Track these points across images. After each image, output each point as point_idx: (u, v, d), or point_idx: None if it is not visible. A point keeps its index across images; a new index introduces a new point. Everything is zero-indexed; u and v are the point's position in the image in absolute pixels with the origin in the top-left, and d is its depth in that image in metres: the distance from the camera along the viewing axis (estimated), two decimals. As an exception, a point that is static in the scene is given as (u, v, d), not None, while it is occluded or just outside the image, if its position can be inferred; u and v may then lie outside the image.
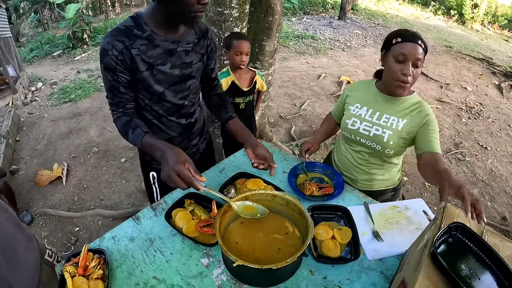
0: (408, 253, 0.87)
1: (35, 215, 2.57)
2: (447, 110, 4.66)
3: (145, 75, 1.05)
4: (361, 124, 1.28)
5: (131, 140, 1.03)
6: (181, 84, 1.16)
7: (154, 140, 0.97)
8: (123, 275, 0.88)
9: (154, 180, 1.37)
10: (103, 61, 1.01)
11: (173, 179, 0.84)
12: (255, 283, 0.85)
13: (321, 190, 1.22)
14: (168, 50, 1.07)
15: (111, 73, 1.01)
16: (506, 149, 3.83)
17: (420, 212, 1.11)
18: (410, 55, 1.10)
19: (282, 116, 4.06)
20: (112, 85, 1.04)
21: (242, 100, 2.01)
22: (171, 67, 1.09)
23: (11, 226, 0.76)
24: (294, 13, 10.48)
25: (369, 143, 1.27)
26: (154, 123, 1.21)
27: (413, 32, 1.16)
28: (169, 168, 0.85)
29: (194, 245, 0.97)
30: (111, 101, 1.08)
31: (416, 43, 1.11)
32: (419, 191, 2.98)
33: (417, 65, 1.12)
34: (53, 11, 11.35)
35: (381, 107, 1.26)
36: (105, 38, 0.99)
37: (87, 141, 3.63)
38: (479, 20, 11.87)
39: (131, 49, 1.00)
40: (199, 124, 1.35)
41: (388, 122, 1.23)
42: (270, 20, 2.57)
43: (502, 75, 6.25)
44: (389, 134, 1.21)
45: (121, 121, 1.07)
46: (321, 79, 5.31)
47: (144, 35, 1.01)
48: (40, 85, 5.47)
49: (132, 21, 1.02)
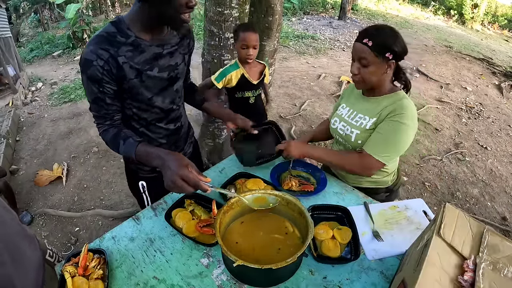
0: (408, 253, 0.87)
1: (35, 215, 2.57)
2: (447, 110, 4.65)
3: (134, 83, 1.02)
4: (339, 124, 1.31)
5: (123, 151, 0.99)
6: (169, 87, 1.14)
7: (150, 148, 0.95)
8: (123, 275, 0.88)
9: (144, 189, 1.33)
10: (86, 72, 0.94)
11: (178, 184, 0.82)
12: (255, 283, 0.85)
13: (301, 186, 1.23)
14: (155, 54, 1.04)
15: (97, 85, 0.96)
16: (506, 149, 3.83)
17: (420, 212, 1.11)
18: (354, 53, 1.13)
19: (282, 116, 4.06)
20: (97, 97, 0.98)
21: (252, 94, 1.89)
22: (159, 71, 1.07)
23: (16, 226, 0.76)
24: (294, 13, 10.48)
25: (344, 142, 1.30)
26: (142, 132, 1.18)
27: (370, 30, 1.11)
28: (173, 173, 0.83)
29: (194, 245, 0.97)
30: (97, 114, 1.03)
31: (360, 42, 1.09)
32: (419, 191, 2.97)
33: (362, 63, 1.11)
34: (53, 11, 11.36)
35: (359, 106, 1.27)
36: (88, 47, 0.94)
37: (87, 141, 3.63)
38: (479, 20, 11.87)
39: (117, 57, 0.96)
40: (185, 128, 1.34)
41: (359, 121, 1.23)
42: (270, 20, 2.57)
43: (502, 75, 6.24)
44: (356, 134, 1.22)
45: (109, 134, 1.03)
46: (321, 79, 5.31)
47: (128, 41, 0.98)
48: (40, 85, 5.48)
49: (114, 27, 0.97)
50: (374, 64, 1.10)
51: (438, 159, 3.45)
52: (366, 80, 1.15)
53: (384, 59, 1.09)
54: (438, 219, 0.74)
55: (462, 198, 2.96)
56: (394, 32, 1.11)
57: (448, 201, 2.88)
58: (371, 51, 1.08)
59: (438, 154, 3.55)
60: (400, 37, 1.10)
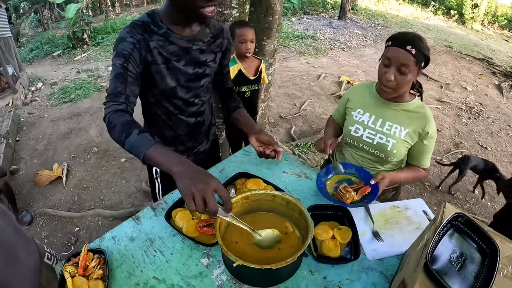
0: (408, 253, 0.87)
1: (35, 215, 2.57)
2: (447, 110, 4.66)
3: (161, 68, 1.06)
4: (364, 131, 1.28)
5: (132, 142, 0.83)
6: (194, 81, 1.16)
7: (171, 151, 0.83)
8: (123, 275, 0.88)
9: (157, 174, 1.36)
10: (117, 47, 0.96)
11: (197, 201, 0.71)
12: (255, 283, 0.85)
13: (358, 193, 1.11)
14: (183, 48, 1.07)
15: (123, 59, 0.95)
16: (506, 149, 3.83)
17: (420, 212, 1.11)
18: (394, 59, 1.09)
19: (282, 116, 4.06)
20: (119, 72, 0.94)
21: (248, 88, 2.03)
22: (185, 64, 1.10)
23: (10, 229, 0.76)
24: (294, 13, 10.48)
25: (373, 151, 1.28)
26: (163, 120, 1.21)
27: (409, 36, 1.09)
28: (198, 187, 0.71)
29: (194, 245, 0.97)
30: (113, 90, 0.93)
31: (403, 48, 1.07)
32: (419, 191, 2.98)
33: (401, 71, 1.09)
34: (53, 11, 11.36)
35: (383, 113, 1.26)
36: (124, 29, 0.99)
37: (87, 141, 3.63)
38: (479, 20, 11.87)
39: (149, 42, 1.00)
40: (206, 124, 1.36)
41: (391, 130, 1.23)
42: (270, 20, 2.57)
43: (502, 75, 6.25)
44: (393, 143, 1.22)
45: (122, 117, 0.88)
46: (321, 79, 5.31)
47: (160, 32, 1.02)
48: (40, 85, 5.48)
49: (149, 18, 1.03)
50: (412, 72, 1.10)
51: (438, 159, 3.45)
52: (400, 88, 1.14)
53: (420, 67, 1.10)
54: (438, 219, 0.74)
55: (462, 198, 2.96)
56: (425, 40, 1.12)
57: (448, 201, 2.88)
58: (414, 59, 1.07)
59: (438, 154, 3.55)
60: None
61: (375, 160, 1.31)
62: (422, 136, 1.22)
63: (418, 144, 1.24)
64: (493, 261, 0.63)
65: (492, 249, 0.65)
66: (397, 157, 1.25)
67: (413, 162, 1.29)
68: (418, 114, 1.21)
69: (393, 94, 1.18)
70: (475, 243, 0.68)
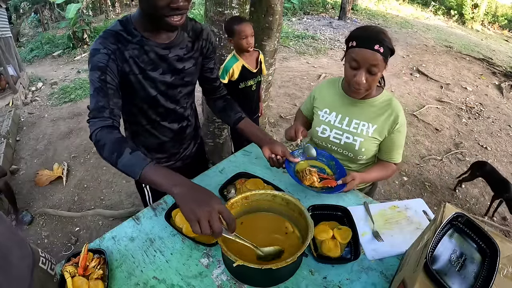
0: (408, 253, 0.87)
1: (35, 215, 2.57)
2: (447, 110, 4.65)
3: (139, 78, 1.02)
4: (331, 132, 1.26)
5: (125, 162, 0.80)
6: (172, 89, 1.12)
7: (168, 170, 0.81)
8: (123, 275, 0.88)
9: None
10: (92, 61, 0.92)
11: (202, 224, 0.71)
12: (255, 283, 0.85)
13: (322, 181, 1.12)
14: (160, 56, 1.03)
15: (99, 72, 0.91)
16: (506, 149, 3.83)
17: (420, 212, 1.11)
18: (363, 61, 1.03)
19: (282, 116, 4.06)
20: (98, 86, 0.90)
21: (253, 81, 2.07)
22: (162, 73, 1.06)
23: (6, 234, 0.75)
24: (294, 13, 10.47)
25: (341, 150, 1.26)
26: (147, 129, 1.19)
27: (374, 34, 1.03)
28: (204, 209, 0.71)
29: (194, 245, 0.97)
30: (96, 106, 0.89)
31: (371, 48, 1.00)
32: (419, 191, 2.98)
33: (371, 71, 1.04)
34: (53, 11, 11.35)
35: (350, 111, 1.23)
36: (96, 41, 0.94)
37: (87, 141, 3.63)
38: (479, 20, 11.86)
39: (124, 51, 0.95)
40: (191, 128, 1.32)
41: (358, 128, 1.21)
42: (270, 20, 2.57)
43: (502, 75, 6.24)
44: (361, 142, 1.20)
45: (111, 135, 0.85)
46: (321, 79, 5.31)
47: (134, 40, 0.97)
48: (40, 85, 5.48)
49: (121, 26, 0.97)
50: (381, 69, 1.05)
51: (438, 159, 3.45)
52: (372, 87, 1.11)
53: (387, 61, 1.06)
54: (438, 219, 0.74)
55: (462, 198, 2.96)
56: (387, 32, 1.07)
57: (448, 201, 2.88)
58: (382, 57, 1.02)
59: (438, 154, 3.55)
60: None
61: (345, 159, 1.28)
62: (391, 130, 1.19)
63: (387, 139, 1.21)
64: (493, 261, 0.62)
65: (492, 249, 0.65)
66: (366, 155, 1.24)
67: (383, 158, 1.26)
68: (386, 108, 1.18)
69: (364, 94, 1.14)
70: (475, 243, 0.68)
